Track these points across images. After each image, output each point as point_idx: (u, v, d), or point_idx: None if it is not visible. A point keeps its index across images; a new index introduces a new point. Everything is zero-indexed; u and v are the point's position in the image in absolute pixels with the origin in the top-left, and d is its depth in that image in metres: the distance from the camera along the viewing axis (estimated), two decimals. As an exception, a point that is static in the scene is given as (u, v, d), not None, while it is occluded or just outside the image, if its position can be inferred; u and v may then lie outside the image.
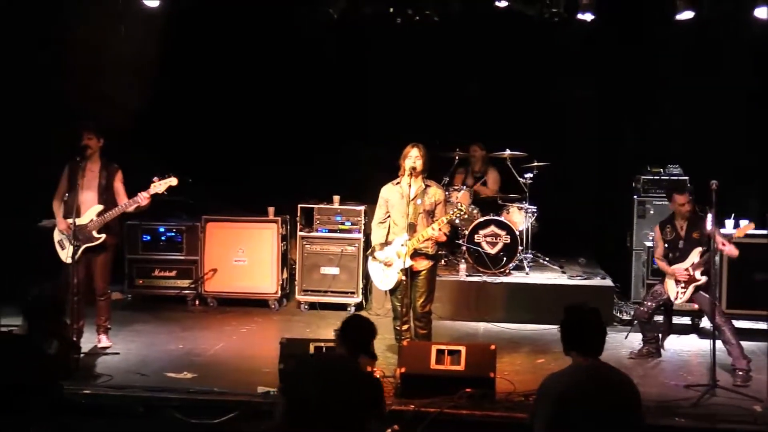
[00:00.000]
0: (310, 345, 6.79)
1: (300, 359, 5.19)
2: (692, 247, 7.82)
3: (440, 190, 7.61)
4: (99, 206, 7.81)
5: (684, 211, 7.93)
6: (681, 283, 7.81)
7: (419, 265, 7.40)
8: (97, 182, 7.87)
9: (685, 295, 7.80)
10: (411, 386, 6.60)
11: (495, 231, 10.06)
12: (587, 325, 4.58)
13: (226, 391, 6.71)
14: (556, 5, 9.15)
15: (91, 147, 7.83)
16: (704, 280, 7.65)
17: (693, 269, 7.74)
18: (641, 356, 8.06)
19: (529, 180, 10.46)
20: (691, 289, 7.76)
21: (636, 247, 10.16)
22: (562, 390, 4.41)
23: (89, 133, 7.84)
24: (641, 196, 10.28)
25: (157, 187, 7.81)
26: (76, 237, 7.61)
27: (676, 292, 7.86)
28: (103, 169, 7.90)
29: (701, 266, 7.69)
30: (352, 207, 10.04)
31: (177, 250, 10.13)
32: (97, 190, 7.86)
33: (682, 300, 7.86)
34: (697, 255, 7.74)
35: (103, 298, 8.04)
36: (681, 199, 7.94)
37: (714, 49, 10.43)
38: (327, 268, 9.92)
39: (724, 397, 6.79)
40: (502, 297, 9.67)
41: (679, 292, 7.83)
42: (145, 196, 7.78)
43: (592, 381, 4.44)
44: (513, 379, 7.09)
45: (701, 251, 7.71)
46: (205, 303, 10.08)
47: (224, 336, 8.75)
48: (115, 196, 7.91)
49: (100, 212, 7.80)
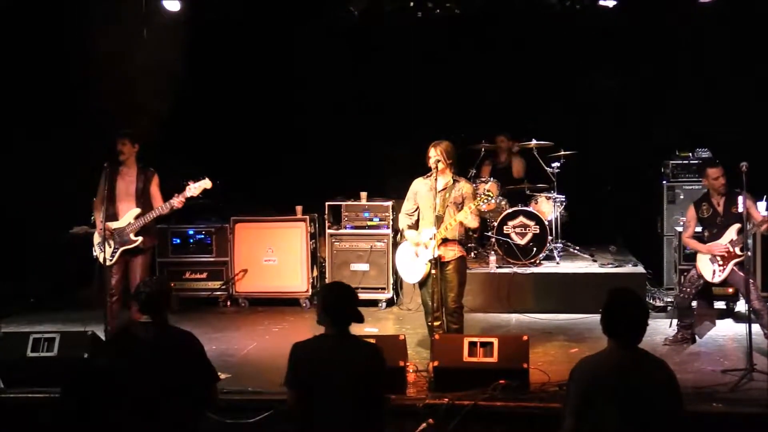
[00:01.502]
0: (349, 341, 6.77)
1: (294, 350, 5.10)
2: (730, 222, 7.66)
3: (469, 185, 7.62)
4: (136, 209, 7.96)
5: (719, 186, 7.73)
6: (719, 260, 7.68)
7: (447, 255, 7.36)
8: (134, 187, 8.02)
9: (724, 272, 7.65)
10: (445, 380, 6.59)
11: (524, 222, 10.01)
12: (627, 310, 4.44)
13: (260, 391, 6.73)
14: (578, -7, 9.12)
15: (124, 153, 7.98)
16: (745, 255, 7.48)
17: (732, 245, 7.61)
18: (676, 342, 7.98)
19: (556, 169, 10.40)
20: (730, 266, 7.62)
21: (667, 233, 10.11)
22: (591, 376, 4.36)
23: (123, 139, 8.01)
24: (670, 182, 10.21)
25: (192, 191, 7.95)
26: (114, 239, 7.83)
27: (712, 271, 7.71)
28: (140, 174, 8.06)
29: (740, 243, 7.54)
30: (380, 203, 10.04)
31: (207, 252, 10.18)
32: (134, 194, 8.02)
33: (720, 278, 7.69)
34: (735, 231, 7.60)
35: None
36: (715, 172, 7.75)
37: (738, 30, 10.32)
38: (356, 264, 9.93)
39: (763, 382, 6.66)
40: (533, 287, 9.64)
41: (717, 271, 7.68)
42: (180, 200, 7.94)
43: (624, 368, 4.36)
44: (547, 369, 7.04)
45: (739, 228, 7.56)
46: (236, 304, 10.12)
47: (257, 336, 8.79)
48: (151, 200, 8.06)
49: (137, 215, 7.95)
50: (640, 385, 4.33)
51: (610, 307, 4.48)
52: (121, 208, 7.97)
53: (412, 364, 7.09)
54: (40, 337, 6.99)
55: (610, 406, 4.28)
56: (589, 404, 4.30)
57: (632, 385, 4.32)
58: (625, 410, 4.28)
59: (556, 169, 10.41)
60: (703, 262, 7.83)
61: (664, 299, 9.53)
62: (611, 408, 4.28)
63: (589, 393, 4.31)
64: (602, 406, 4.29)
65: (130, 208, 7.97)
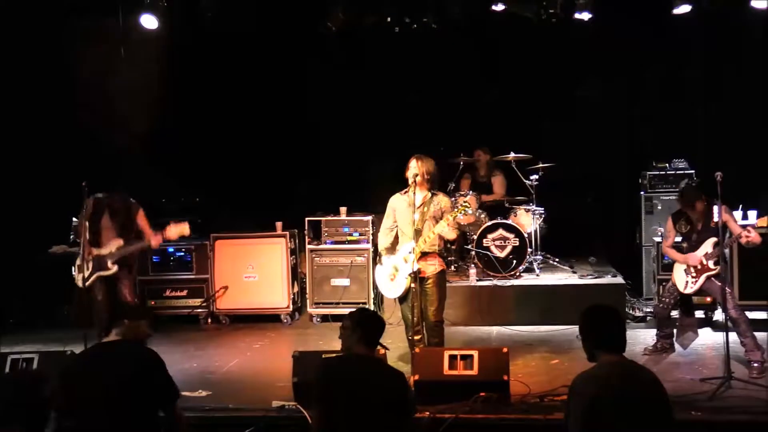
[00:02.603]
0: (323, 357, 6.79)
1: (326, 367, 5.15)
2: (707, 236, 7.73)
3: (447, 199, 7.62)
4: (120, 241, 8.06)
5: (699, 212, 7.84)
6: (692, 272, 7.76)
7: (427, 269, 7.37)
8: (119, 218, 8.11)
9: (696, 284, 7.73)
10: (426, 393, 6.57)
11: (503, 234, 10.05)
12: (610, 321, 4.60)
13: (241, 407, 6.72)
14: (553, 6, 9.17)
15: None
16: (717, 269, 7.58)
17: (706, 259, 7.68)
18: (656, 351, 8.03)
19: (535, 182, 10.46)
20: (702, 279, 7.70)
21: (645, 243, 10.18)
22: (595, 389, 4.38)
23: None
24: (648, 192, 10.29)
25: (170, 233, 8.16)
26: (93, 264, 7.95)
27: (685, 282, 7.79)
28: (124, 206, 8.14)
29: (714, 256, 7.62)
30: (360, 218, 10.06)
31: (187, 270, 10.17)
32: (117, 225, 8.11)
33: (692, 289, 7.77)
34: (711, 245, 7.68)
35: None
36: (700, 206, 7.75)
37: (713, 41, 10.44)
38: (337, 279, 9.94)
39: (741, 389, 6.74)
40: (513, 300, 9.65)
41: (689, 282, 7.76)
42: (158, 240, 8.16)
43: (624, 379, 4.42)
44: (527, 381, 7.07)
45: (715, 242, 7.64)
46: (217, 321, 10.10)
47: (238, 352, 8.76)
48: (136, 232, 8.16)
49: (120, 246, 8.06)
50: (641, 392, 4.40)
51: (595, 323, 4.61)
52: (106, 236, 8.06)
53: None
54: (19, 357, 6.94)
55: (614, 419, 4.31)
56: (596, 416, 4.32)
57: (635, 392, 4.39)
58: (628, 423, 4.31)
59: (535, 181, 10.46)
60: (678, 272, 7.90)
61: (644, 309, 9.59)
62: (616, 422, 4.31)
63: (596, 404, 4.33)
64: (609, 415, 4.31)
65: (114, 237, 8.07)
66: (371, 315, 5.48)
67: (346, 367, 5.08)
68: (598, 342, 4.56)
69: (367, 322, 5.22)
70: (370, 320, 5.29)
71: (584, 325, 4.64)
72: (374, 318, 5.36)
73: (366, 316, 5.33)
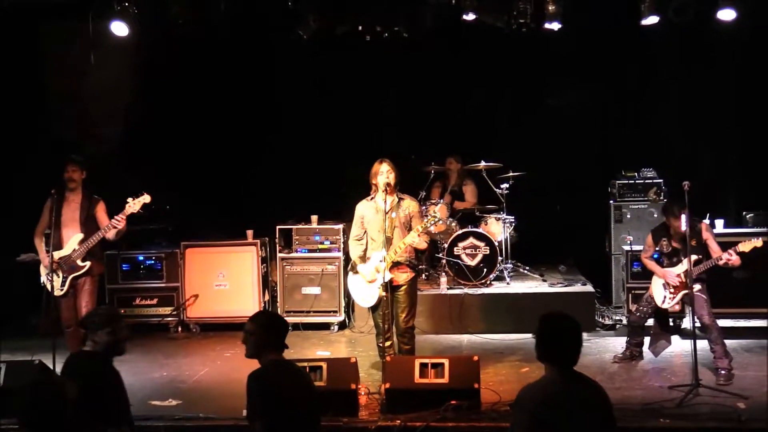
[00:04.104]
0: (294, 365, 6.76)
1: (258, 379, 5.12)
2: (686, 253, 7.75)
3: (414, 202, 7.62)
4: (79, 235, 7.85)
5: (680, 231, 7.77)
6: (670, 288, 7.83)
7: (399, 279, 7.39)
8: (78, 213, 7.91)
9: (674, 300, 7.82)
10: (396, 401, 6.59)
11: (474, 243, 10.08)
12: (564, 337, 4.47)
13: (211, 416, 6.70)
14: (524, 16, 9.20)
15: (74, 180, 7.88)
16: (697, 289, 7.56)
17: (685, 276, 7.69)
18: (625, 359, 8.09)
19: (505, 190, 10.50)
20: (679, 296, 7.79)
21: (615, 252, 10.25)
22: (539, 402, 4.37)
23: (73, 165, 7.91)
24: (617, 201, 10.36)
25: (132, 207, 7.78)
26: (62, 268, 7.73)
27: (663, 297, 7.87)
28: (85, 201, 7.95)
29: (694, 275, 7.56)
30: (331, 226, 10.06)
31: (157, 278, 10.11)
32: (79, 220, 7.91)
33: (669, 305, 7.86)
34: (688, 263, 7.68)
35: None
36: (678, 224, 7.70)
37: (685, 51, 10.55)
38: (308, 288, 9.94)
39: (708, 396, 6.82)
40: (484, 308, 9.69)
41: (667, 297, 7.84)
42: (120, 218, 7.77)
43: (568, 391, 4.40)
44: (498, 389, 7.10)
45: (696, 260, 7.58)
46: (187, 329, 10.05)
47: (208, 361, 8.72)
48: (97, 225, 7.93)
49: (81, 240, 7.84)
50: (586, 408, 4.39)
51: (545, 335, 4.51)
52: (66, 234, 7.85)
53: (364, 387, 7.10)
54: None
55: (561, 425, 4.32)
56: (540, 427, 4.32)
57: (580, 407, 4.37)
58: (575, 428, 4.32)
59: (505, 190, 10.50)
60: (656, 286, 7.97)
61: (613, 317, 9.66)
62: (563, 427, 4.31)
63: (540, 419, 4.32)
64: (553, 427, 4.31)
65: (75, 233, 7.86)
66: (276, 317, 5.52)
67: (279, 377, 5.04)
68: (549, 355, 4.48)
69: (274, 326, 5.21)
70: (278, 323, 5.27)
71: (539, 332, 4.52)
72: (280, 320, 5.36)
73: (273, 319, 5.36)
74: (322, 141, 11.27)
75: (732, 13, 8.82)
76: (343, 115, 11.30)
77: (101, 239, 7.91)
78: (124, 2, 9.02)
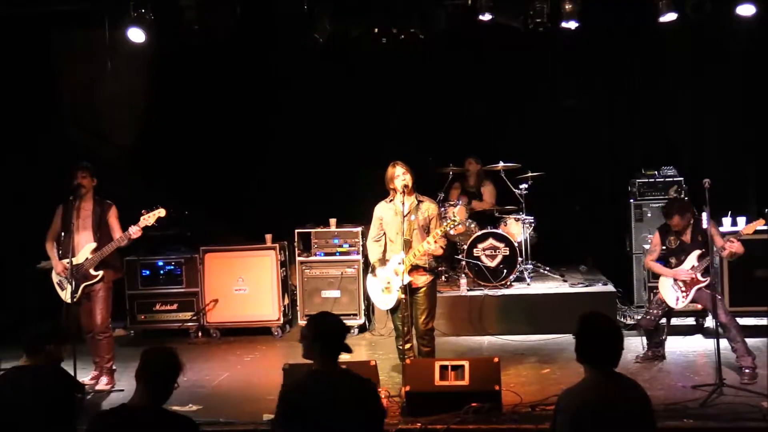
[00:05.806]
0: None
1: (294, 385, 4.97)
2: (693, 248, 7.78)
3: (433, 205, 7.58)
4: (93, 244, 7.83)
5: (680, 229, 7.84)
6: (681, 287, 7.77)
7: (418, 281, 7.37)
8: (90, 220, 7.88)
9: (687, 298, 7.76)
10: (417, 404, 6.57)
11: (493, 244, 10.04)
12: (605, 338, 4.40)
13: (232, 421, 6.70)
14: (540, 15, 9.15)
15: (84, 186, 7.86)
16: (707, 280, 7.60)
17: (695, 271, 7.70)
18: (647, 360, 8.04)
19: (524, 191, 10.45)
20: (693, 292, 7.74)
21: (635, 251, 10.17)
22: (578, 405, 4.31)
23: (83, 172, 7.88)
24: (637, 200, 10.28)
25: (147, 220, 7.80)
26: (74, 276, 7.63)
27: (675, 297, 7.82)
28: (96, 207, 7.92)
29: (702, 268, 7.65)
30: (349, 229, 10.04)
31: (177, 283, 10.11)
32: (91, 228, 7.88)
33: (683, 304, 7.82)
34: (696, 258, 7.70)
35: (103, 337, 7.96)
36: (677, 220, 7.79)
37: (700, 49, 10.49)
38: (328, 291, 9.93)
39: (732, 396, 6.75)
40: (504, 309, 9.64)
41: (680, 297, 7.78)
42: (135, 230, 7.77)
43: (608, 395, 4.34)
44: (519, 390, 7.07)
45: (699, 254, 7.67)
46: (208, 334, 10.06)
47: (228, 366, 8.73)
48: (110, 232, 7.91)
49: (94, 249, 7.82)
50: (625, 410, 4.32)
51: (586, 336, 4.43)
52: (78, 242, 7.78)
53: (385, 390, 7.05)
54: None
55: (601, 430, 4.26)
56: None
57: (619, 410, 4.30)
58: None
59: (524, 190, 10.45)
60: (666, 288, 7.90)
61: (635, 317, 9.58)
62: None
63: (579, 421, 4.27)
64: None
65: (88, 241, 7.83)
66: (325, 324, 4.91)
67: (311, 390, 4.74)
68: (586, 355, 4.41)
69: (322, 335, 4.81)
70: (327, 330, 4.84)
71: (579, 333, 4.44)
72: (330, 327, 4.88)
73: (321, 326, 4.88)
74: (340, 144, 11.23)
75: (752, 9, 8.74)
76: (358, 118, 11.26)
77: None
78: (140, 9, 9.03)
